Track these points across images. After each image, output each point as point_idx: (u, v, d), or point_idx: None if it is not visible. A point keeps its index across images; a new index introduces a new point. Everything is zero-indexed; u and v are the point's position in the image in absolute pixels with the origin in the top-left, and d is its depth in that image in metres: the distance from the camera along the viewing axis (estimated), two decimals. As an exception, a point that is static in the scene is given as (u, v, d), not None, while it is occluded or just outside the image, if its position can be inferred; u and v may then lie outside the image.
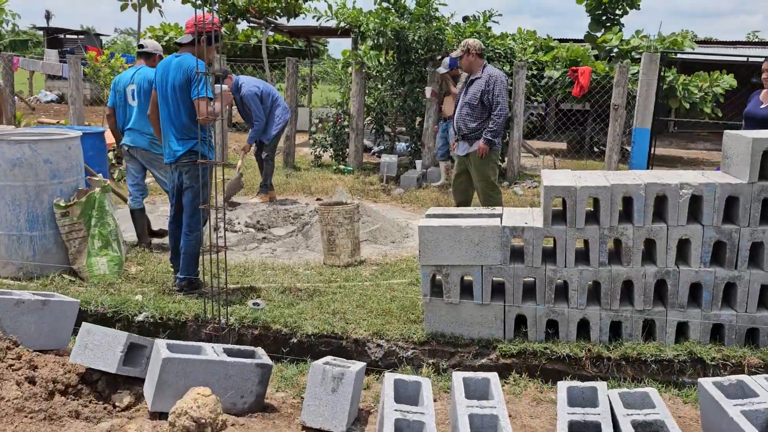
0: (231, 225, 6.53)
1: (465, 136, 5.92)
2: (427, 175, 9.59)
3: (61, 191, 4.77)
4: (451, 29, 9.41)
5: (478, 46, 5.90)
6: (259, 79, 7.85)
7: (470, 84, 5.92)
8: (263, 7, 17.89)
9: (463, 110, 5.92)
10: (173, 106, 4.27)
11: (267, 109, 7.66)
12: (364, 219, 6.26)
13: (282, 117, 7.79)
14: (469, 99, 5.85)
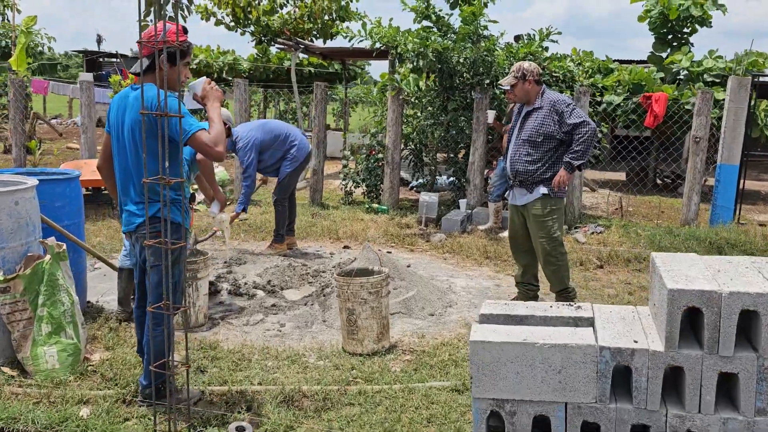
0: (236, 286, 5.39)
1: (523, 182, 4.70)
2: (473, 217, 8.33)
3: (3, 259, 3.69)
4: (501, 50, 8.20)
5: (536, 70, 4.70)
6: (260, 121, 6.73)
7: (527, 117, 4.71)
8: (298, 28, 17.05)
9: (520, 150, 4.69)
10: (132, 155, 3.14)
11: (277, 152, 6.48)
12: (396, 284, 5.05)
13: (298, 155, 6.56)
14: (529, 135, 4.65)
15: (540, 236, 4.67)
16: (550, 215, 4.65)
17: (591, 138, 4.49)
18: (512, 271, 6.27)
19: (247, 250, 6.83)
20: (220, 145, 3.03)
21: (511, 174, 4.79)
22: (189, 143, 3.02)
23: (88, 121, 9.95)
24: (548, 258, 4.70)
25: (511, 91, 4.78)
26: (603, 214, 9.25)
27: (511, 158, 4.76)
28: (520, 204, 4.80)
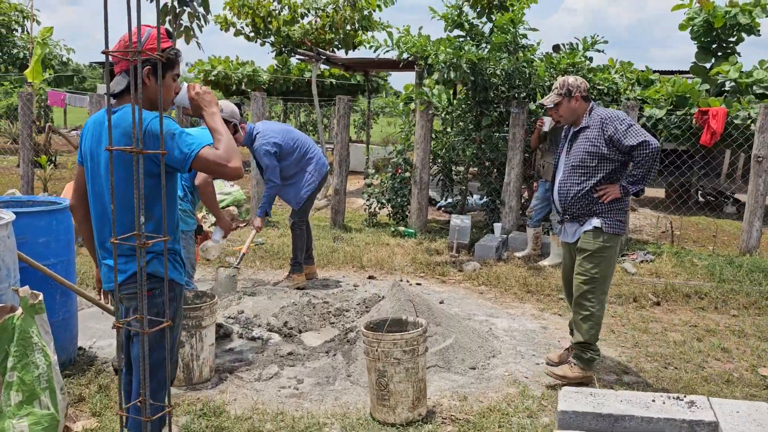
0: (248, 329, 4.75)
1: (575, 215, 3.95)
2: (509, 243, 7.63)
3: (-32, 311, 3.09)
4: (540, 61, 7.52)
5: (583, 85, 3.96)
6: (284, 126, 6.07)
7: (574, 138, 3.98)
8: (319, 38, 16.50)
9: (571, 178, 3.94)
10: (108, 195, 2.48)
11: (293, 165, 5.87)
12: (431, 330, 4.37)
13: (316, 173, 5.95)
14: (580, 159, 3.89)
15: (579, 272, 3.89)
16: (600, 252, 3.85)
17: (653, 159, 3.75)
18: (558, 310, 5.58)
19: (261, 281, 6.21)
20: (234, 158, 2.38)
21: (560, 206, 4.01)
22: (195, 166, 2.36)
23: (98, 137, 9.44)
24: (582, 301, 3.89)
25: (555, 110, 4.07)
26: (649, 238, 8.49)
27: (559, 188, 4.00)
28: (571, 241, 4.06)
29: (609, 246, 3.87)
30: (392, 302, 4.58)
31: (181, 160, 2.34)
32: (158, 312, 2.49)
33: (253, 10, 16.07)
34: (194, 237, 4.67)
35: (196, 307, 3.81)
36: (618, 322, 5.33)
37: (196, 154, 2.34)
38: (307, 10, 16.57)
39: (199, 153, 2.34)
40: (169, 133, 2.35)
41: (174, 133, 2.35)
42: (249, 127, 5.76)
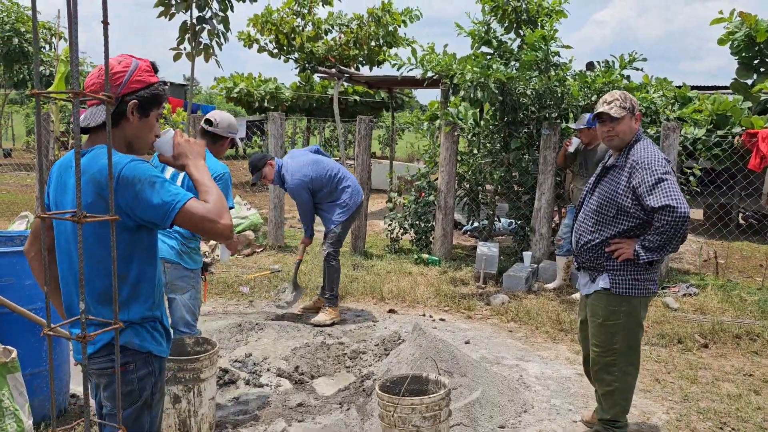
0: (256, 374, 4.37)
1: (586, 264, 3.33)
2: (539, 273, 7.16)
3: (-66, 370, 2.75)
4: (573, 79, 7.07)
5: (636, 104, 3.35)
6: (313, 157, 5.67)
7: (604, 173, 3.31)
8: (343, 55, 16.26)
9: (587, 220, 3.32)
10: (86, 252, 2.05)
11: (328, 193, 5.54)
12: (455, 381, 3.93)
13: (351, 201, 5.60)
14: (600, 203, 3.24)
15: (594, 342, 3.31)
16: (612, 320, 3.22)
17: (676, 228, 2.99)
18: (596, 353, 5.09)
19: (276, 314, 5.83)
20: (225, 215, 2.00)
21: (576, 249, 3.40)
22: (179, 221, 1.97)
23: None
24: (602, 375, 3.31)
25: (611, 124, 3.20)
26: (691, 267, 7.94)
27: (576, 228, 3.39)
28: (583, 293, 3.44)
29: (622, 311, 3.21)
30: (413, 348, 4.17)
31: (162, 214, 1.96)
32: (131, 390, 2.11)
33: (276, 27, 15.92)
34: (201, 275, 4.30)
35: (194, 359, 3.43)
36: (663, 368, 4.83)
37: (181, 206, 1.95)
38: (331, 26, 16.39)
39: (186, 206, 1.95)
40: (148, 181, 1.97)
41: (155, 181, 1.97)
42: (277, 164, 5.50)
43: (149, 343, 2.14)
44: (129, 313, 2.08)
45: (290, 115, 17.64)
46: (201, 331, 3.93)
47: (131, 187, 1.96)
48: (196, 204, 1.97)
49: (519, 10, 8.28)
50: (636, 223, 3.16)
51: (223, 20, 9.82)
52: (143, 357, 2.12)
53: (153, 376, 2.16)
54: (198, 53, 9.96)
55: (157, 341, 2.17)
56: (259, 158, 5.54)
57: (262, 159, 5.51)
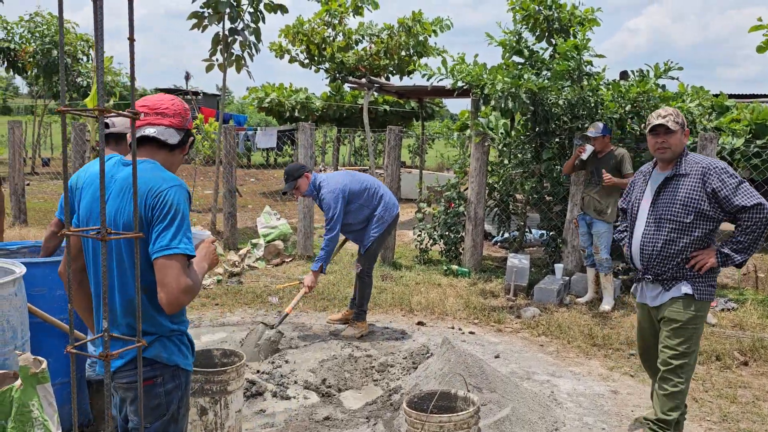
0: (283, 386, 4.35)
1: (659, 276, 3.33)
2: (571, 285, 7.03)
3: (-34, 379, 2.78)
4: (606, 89, 6.95)
5: (686, 121, 3.39)
6: (347, 173, 5.64)
7: (665, 185, 3.33)
8: (374, 64, 16.29)
9: (659, 232, 3.30)
10: (117, 265, 2.09)
11: (363, 208, 5.44)
12: (485, 397, 3.85)
13: (388, 213, 5.52)
14: (673, 212, 3.25)
15: (668, 346, 3.29)
16: (692, 323, 3.26)
17: (765, 225, 3.15)
18: (630, 369, 4.97)
19: (303, 325, 5.82)
20: (190, 295, 1.99)
21: (641, 264, 3.40)
22: (158, 263, 1.97)
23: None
24: (671, 377, 3.28)
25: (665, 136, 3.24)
26: (729, 281, 7.72)
27: (642, 242, 3.37)
28: (651, 305, 3.43)
29: (701, 315, 3.29)
30: (441, 362, 4.10)
31: (158, 247, 1.98)
32: (159, 404, 2.11)
33: (307, 37, 16.03)
34: None
35: (221, 371, 3.42)
36: (700, 386, 4.68)
37: (173, 254, 1.96)
38: (362, 36, 16.45)
39: (176, 256, 1.96)
40: (180, 215, 2.01)
41: (183, 219, 2.02)
42: (313, 177, 5.40)
43: (177, 356, 2.13)
44: (157, 325, 2.08)
45: (320, 124, 17.74)
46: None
47: (164, 208, 1.99)
48: (182, 264, 1.98)
49: (551, 19, 8.19)
50: (713, 226, 3.25)
51: (255, 31, 9.93)
52: (171, 370, 2.12)
53: (180, 389, 2.15)
54: (230, 64, 10.08)
55: (183, 354, 2.16)
56: (296, 168, 5.37)
57: (300, 169, 5.34)
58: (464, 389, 3.27)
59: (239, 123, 25.51)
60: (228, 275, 7.43)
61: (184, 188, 2.06)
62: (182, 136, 2.19)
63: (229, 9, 9.45)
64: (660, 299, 3.37)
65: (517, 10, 8.16)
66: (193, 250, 2.00)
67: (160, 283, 1.96)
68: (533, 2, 8.07)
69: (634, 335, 5.71)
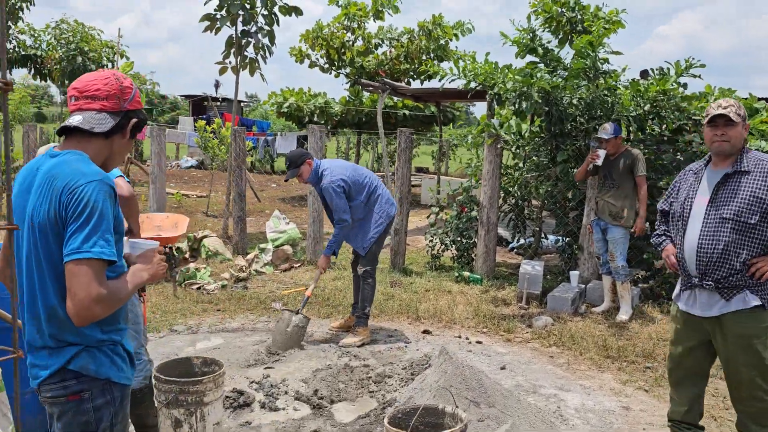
0: (272, 397, 4.14)
1: (720, 283, 3.02)
2: (587, 294, 6.72)
3: None
4: (625, 89, 6.65)
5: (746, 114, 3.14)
6: (350, 164, 5.50)
7: (723, 183, 3.06)
8: (394, 69, 16.11)
9: (718, 234, 3.01)
10: (36, 268, 1.91)
11: (362, 206, 5.30)
12: (483, 412, 3.59)
13: (384, 213, 5.36)
14: (735, 211, 2.98)
15: (746, 364, 2.99)
16: (764, 336, 2.98)
17: None
18: (645, 383, 4.66)
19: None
20: (103, 305, 1.78)
21: (696, 269, 3.08)
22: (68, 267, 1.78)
23: (158, 171, 9.25)
24: (758, 393, 3.00)
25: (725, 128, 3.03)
26: None
27: (699, 244, 3.06)
28: (705, 315, 3.10)
29: None
30: (438, 374, 3.86)
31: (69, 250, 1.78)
32: (87, 421, 1.91)
33: (327, 42, 15.92)
34: (139, 296, 3.44)
35: (196, 381, 3.24)
36: (720, 403, 4.36)
37: (84, 258, 1.76)
38: (381, 40, 16.28)
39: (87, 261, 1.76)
40: (97, 213, 1.81)
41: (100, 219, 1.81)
42: (315, 164, 5.25)
43: (108, 368, 1.93)
44: (82, 335, 1.89)
45: (340, 129, 17.61)
46: (149, 359, 3.38)
47: (79, 206, 1.80)
48: (98, 271, 1.78)
49: (573, 21, 7.91)
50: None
51: (269, 34, 9.80)
52: (100, 384, 1.92)
53: (112, 405, 1.95)
54: (243, 67, 9.99)
55: (117, 367, 1.96)
56: (298, 155, 5.24)
57: (302, 156, 5.20)
58: (453, 405, 3.02)
59: (262, 129, 25.53)
60: (234, 280, 7.27)
61: (106, 183, 1.85)
62: (118, 120, 1.99)
63: (243, 11, 9.36)
64: (718, 310, 3.05)
65: (539, 13, 7.90)
66: (112, 254, 1.79)
67: (68, 291, 1.76)
68: (555, 4, 7.81)
69: (652, 347, 5.40)
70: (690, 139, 6.48)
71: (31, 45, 20.85)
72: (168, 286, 6.87)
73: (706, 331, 3.13)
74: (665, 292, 6.67)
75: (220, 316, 6.08)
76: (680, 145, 6.57)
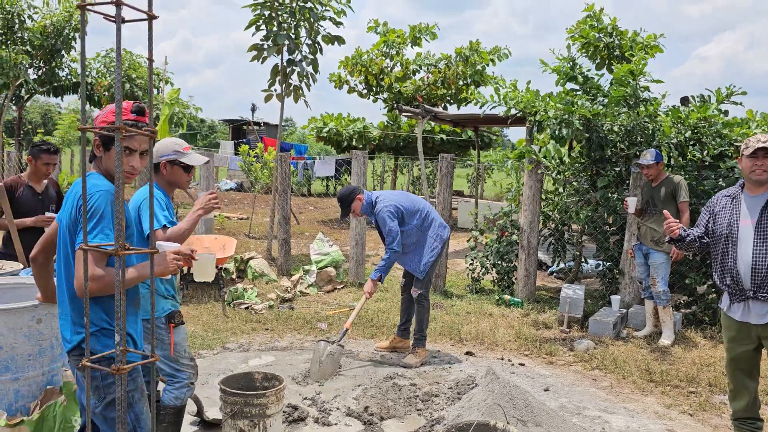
0: (325, 413, 4.32)
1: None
2: (629, 318, 6.77)
3: (16, 393, 2.90)
4: (665, 115, 6.75)
5: None
6: (401, 192, 5.70)
7: (765, 207, 3.47)
8: (432, 94, 16.39)
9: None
10: (64, 262, 2.43)
11: (416, 230, 5.47)
12: (531, 430, 3.72)
13: (438, 237, 5.51)
14: None
15: None
16: None
17: None
18: (689, 407, 4.72)
19: (351, 352, 5.79)
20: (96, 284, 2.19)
21: (752, 283, 3.49)
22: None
23: (206, 194, 9.60)
24: None
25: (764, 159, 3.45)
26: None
27: (754, 261, 3.47)
28: (759, 323, 3.52)
29: None
30: (485, 393, 4.00)
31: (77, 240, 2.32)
32: (97, 386, 2.36)
33: (366, 68, 16.29)
34: (165, 324, 3.34)
35: (260, 394, 3.44)
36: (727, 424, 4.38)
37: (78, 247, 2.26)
38: (419, 66, 16.59)
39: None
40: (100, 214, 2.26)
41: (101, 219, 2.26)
42: (366, 196, 5.45)
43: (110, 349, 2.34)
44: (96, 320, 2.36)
45: (378, 153, 17.92)
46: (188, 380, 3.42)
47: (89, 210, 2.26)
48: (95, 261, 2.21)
49: (611, 46, 8.07)
50: None
51: (312, 62, 10.15)
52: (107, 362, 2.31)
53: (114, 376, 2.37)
54: (288, 94, 10.34)
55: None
56: (348, 193, 5.41)
57: (352, 193, 5.39)
58: (504, 421, 3.16)
59: (300, 152, 26.04)
60: (280, 301, 7.51)
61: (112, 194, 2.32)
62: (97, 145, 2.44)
63: (288, 41, 9.72)
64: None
65: (576, 38, 8.07)
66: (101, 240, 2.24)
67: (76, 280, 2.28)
68: (593, 30, 7.98)
69: (696, 372, 5.45)
70: (732, 165, 6.54)
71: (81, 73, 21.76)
72: (218, 306, 7.14)
73: (758, 336, 3.56)
74: (708, 317, 6.69)
75: (269, 335, 6.29)
76: (722, 171, 6.63)
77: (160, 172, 3.28)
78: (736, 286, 3.56)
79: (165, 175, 3.28)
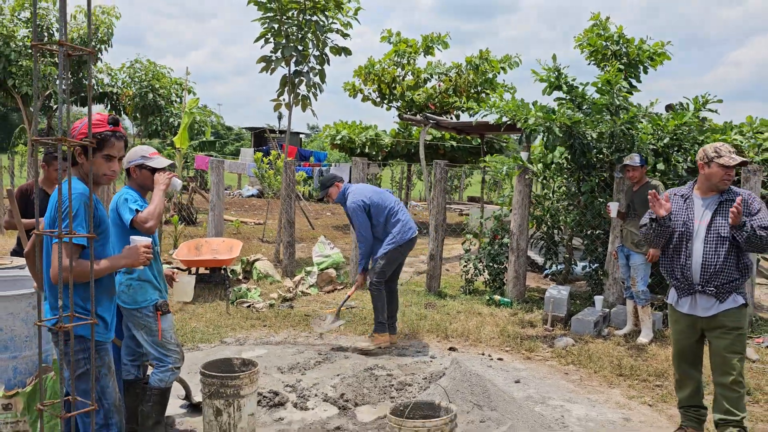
0: (304, 399, 4.70)
1: (719, 289, 3.80)
2: (611, 317, 7.02)
3: (14, 370, 3.32)
4: (646, 122, 7.01)
5: None
6: (376, 188, 6.14)
7: (718, 209, 3.85)
8: (444, 102, 16.74)
9: (720, 249, 3.78)
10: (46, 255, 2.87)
11: (381, 227, 5.92)
12: (484, 414, 4.04)
13: (399, 234, 5.92)
14: (728, 231, 3.80)
15: (734, 350, 3.80)
16: (745, 327, 3.86)
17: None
18: (651, 399, 4.98)
19: (341, 347, 6.16)
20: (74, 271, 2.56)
21: (701, 278, 3.83)
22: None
23: (216, 199, 10.08)
24: (737, 380, 3.78)
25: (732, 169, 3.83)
26: (785, 318, 7.43)
27: (704, 259, 3.81)
28: (703, 315, 3.86)
29: (747, 321, 3.90)
30: (447, 380, 4.34)
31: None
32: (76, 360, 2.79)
33: (378, 77, 16.72)
34: (153, 312, 3.65)
35: (234, 376, 3.83)
36: (719, 418, 4.63)
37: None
38: (430, 75, 16.96)
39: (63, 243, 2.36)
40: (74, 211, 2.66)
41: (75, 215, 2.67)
42: (344, 186, 6.04)
43: (82, 329, 2.76)
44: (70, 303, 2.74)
45: (391, 160, 18.31)
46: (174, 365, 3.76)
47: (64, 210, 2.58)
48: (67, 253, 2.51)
49: (619, 54, 8.31)
50: None
51: (320, 73, 10.59)
52: (78, 339, 2.74)
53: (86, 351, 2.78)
54: (296, 103, 10.79)
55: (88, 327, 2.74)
56: (329, 178, 6.11)
57: (332, 179, 6.08)
58: (446, 400, 3.50)
59: (319, 159, 26.58)
60: (281, 300, 7.91)
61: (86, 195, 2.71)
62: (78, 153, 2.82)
63: (295, 53, 10.17)
64: (714, 310, 3.82)
65: (584, 47, 8.35)
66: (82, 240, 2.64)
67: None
68: (600, 38, 8.24)
69: (666, 367, 5.70)
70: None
71: (108, 83, 22.59)
72: (222, 304, 7.57)
73: (701, 328, 3.91)
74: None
75: (266, 331, 6.69)
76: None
77: (132, 176, 3.70)
78: (686, 281, 3.88)
79: (136, 179, 3.70)
